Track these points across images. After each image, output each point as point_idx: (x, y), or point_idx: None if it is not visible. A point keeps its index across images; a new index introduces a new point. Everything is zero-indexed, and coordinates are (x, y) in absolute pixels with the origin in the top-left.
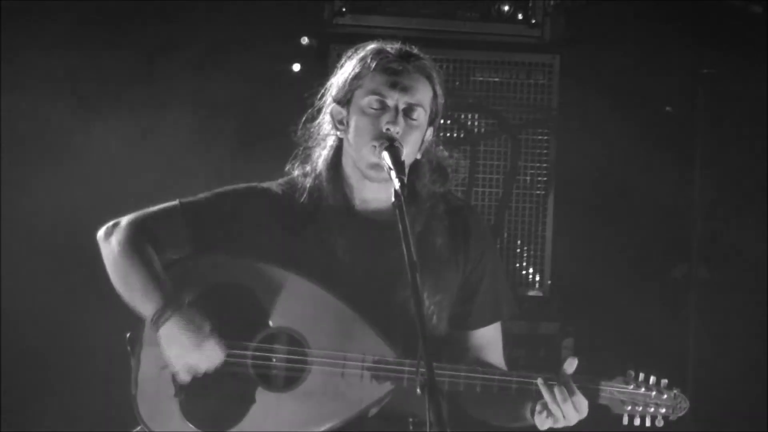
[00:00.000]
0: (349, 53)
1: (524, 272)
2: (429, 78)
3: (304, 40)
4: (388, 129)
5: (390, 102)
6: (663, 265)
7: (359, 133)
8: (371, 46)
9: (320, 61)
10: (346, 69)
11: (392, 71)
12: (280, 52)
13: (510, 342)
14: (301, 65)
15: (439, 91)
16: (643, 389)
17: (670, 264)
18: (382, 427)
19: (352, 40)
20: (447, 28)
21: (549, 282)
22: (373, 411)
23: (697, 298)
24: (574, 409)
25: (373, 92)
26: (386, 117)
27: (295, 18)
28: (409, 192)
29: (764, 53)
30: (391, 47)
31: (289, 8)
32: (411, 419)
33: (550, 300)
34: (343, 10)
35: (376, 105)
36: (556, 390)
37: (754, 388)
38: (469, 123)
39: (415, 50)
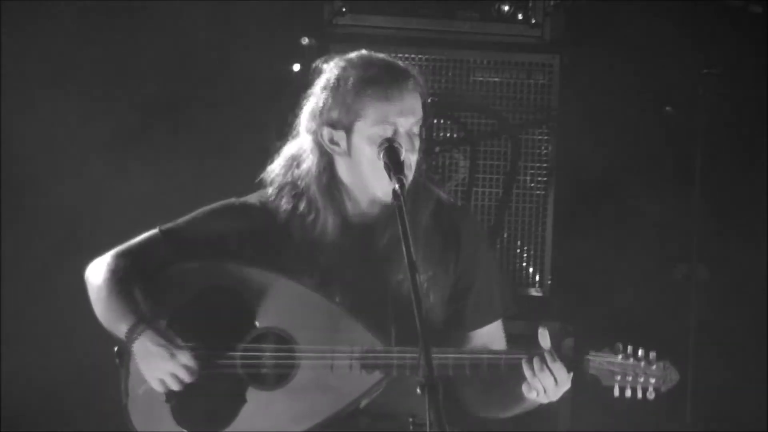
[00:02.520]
0: (332, 70)
1: (524, 272)
2: (421, 93)
3: (304, 40)
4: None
5: (402, 129)
6: (663, 266)
7: (375, 164)
8: (360, 72)
9: None
10: (339, 94)
11: (396, 98)
12: (280, 52)
13: (510, 342)
14: (301, 65)
15: (427, 97)
16: (632, 360)
17: (670, 264)
18: (382, 427)
19: (352, 40)
20: (447, 28)
21: (549, 282)
22: (364, 402)
23: (697, 298)
24: (553, 378)
25: (383, 122)
26: (404, 145)
27: (295, 18)
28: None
29: (764, 53)
30: (382, 71)
31: (289, 8)
32: (411, 419)
33: (550, 300)
34: (343, 10)
35: (387, 134)
36: (534, 360)
37: (754, 388)
38: (469, 123)
39: (401, 64)
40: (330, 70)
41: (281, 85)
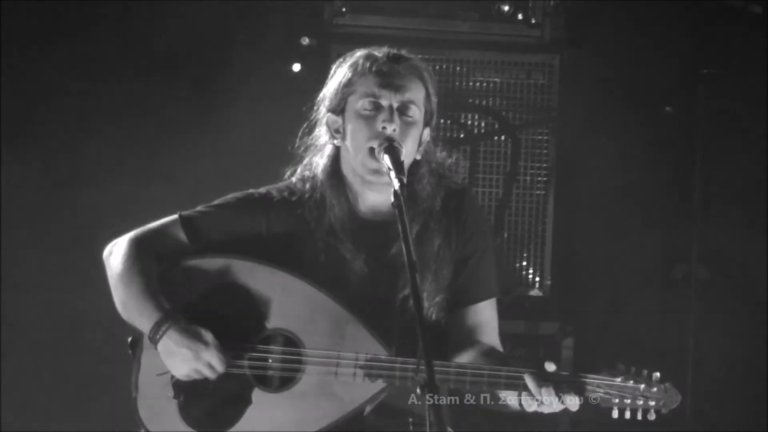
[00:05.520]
0: (339, 62)
1: (524, 272)
2: (420, 78)
3: (304, 40)
4: (384, 128)
5: (384, 102)
6: (663, 266)
7: (356, 136)
8: (359, 52)
9: (320, 61)
10: (337, 77)
11: (383, 73)
12: (280, 52)
13: (510, 342)
14: (301, 65)
15: (432, 91)
16: (631, 382)
17: (670, 264)
18: (382, 427)
19: (352, 40)
20: (447, 28)
21: (549, 282)
22: (368, 409)
23: (697, 298)
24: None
25: (366, 94)
26: (381, 116)
27: (295, 18)
28: (408, 192)
29: (764, 53)
30: (380, 51)
31: (289, 8)
32: (411, 419)
33: (550, 300)
34: (343, 10)
35: (370, 107)
36: (542, 389)
37: (754, 388)
38: (469, 123)
39: (404, 52)
40: (338, 62)
41: (281, 85)
